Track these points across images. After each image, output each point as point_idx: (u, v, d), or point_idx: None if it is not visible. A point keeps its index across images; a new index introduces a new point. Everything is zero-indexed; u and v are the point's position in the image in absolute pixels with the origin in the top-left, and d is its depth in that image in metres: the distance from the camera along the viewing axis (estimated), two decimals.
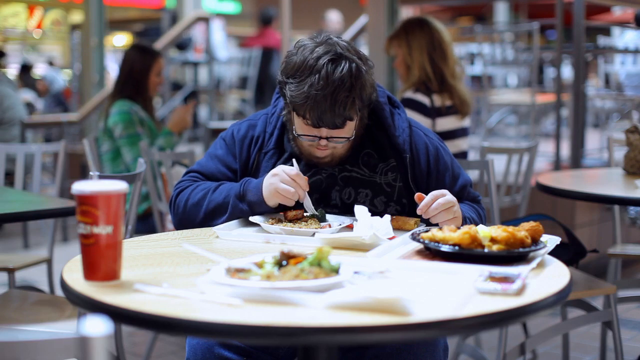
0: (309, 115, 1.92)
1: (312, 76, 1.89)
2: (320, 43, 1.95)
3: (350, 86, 1.90)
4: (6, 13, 15.36)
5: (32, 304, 2.57)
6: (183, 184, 2.09)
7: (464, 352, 3.05)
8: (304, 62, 1.91)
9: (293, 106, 1.94)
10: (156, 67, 4.01)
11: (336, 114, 1.90)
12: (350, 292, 1.29)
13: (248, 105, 8.82)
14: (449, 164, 2.09)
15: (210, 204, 2.00)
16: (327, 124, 1.93)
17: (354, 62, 1.92)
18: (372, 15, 5.17)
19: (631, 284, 3.46)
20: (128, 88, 3.96)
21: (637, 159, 3.10)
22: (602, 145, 6.31)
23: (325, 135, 1.96)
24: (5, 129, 5.36)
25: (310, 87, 1.88)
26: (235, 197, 1.98)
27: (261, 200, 1.94)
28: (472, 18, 15.17)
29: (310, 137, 1.97)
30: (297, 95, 1.90)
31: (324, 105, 1.89)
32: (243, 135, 2.12)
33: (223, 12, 13.74)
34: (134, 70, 3.98)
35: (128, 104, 3.90)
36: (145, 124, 3.90)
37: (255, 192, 1.95)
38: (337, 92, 1.88)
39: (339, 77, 1.88)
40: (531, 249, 1.59)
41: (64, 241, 5.66)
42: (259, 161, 2.09)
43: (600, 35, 8.04)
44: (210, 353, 1.81)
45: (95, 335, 0.98)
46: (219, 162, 2.11)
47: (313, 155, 2.02)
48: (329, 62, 1.90)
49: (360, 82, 1.92)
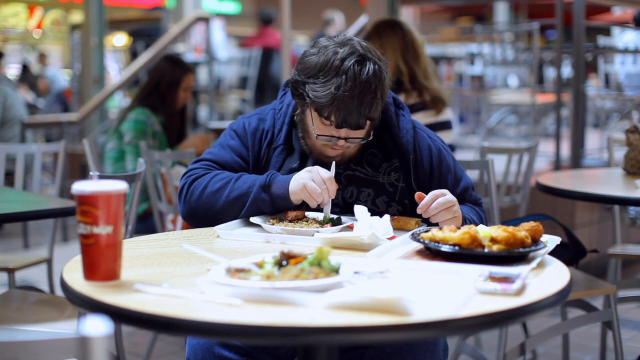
0: (335, 116, 1.91)
1: (339, 77, 1.89)
2: (342, 44, 1.94)
3: (376, 87, 1.91)
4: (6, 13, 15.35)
5: (32, 304, 2.57)
6: (197, 171, 2.04)
7: (464, 352, 3.05)
8: (328, 62, 1.91)
9: (316, 107, 1.93)
10: (186, 81, 4.02)
11: (362, 114, 1.91)
12: (350, 292, 1.29)
13: (248, 105, 8.82)
14: (451, 166, 2.09)
15: (233, 193, 1.96)
16: (350, 124, 1.92)
17: (377, 64, 1.93)
18: (372, 15, 5.17)
19: (631, 284, 3.46)
20: (152, 98, 3.96)
21: (637, 159, 3.10)
22: (602, 145, 6.31)
23: (344, 136, 1.96)
24: (5, 128, 5.37)
25: (337, 89, 1.88)
26: (260, 186, 1.95)
27: (286, 193, 1.92)
28: (472, 18, 15.17)
29: (329, 138, 1.96)
30: (323, 96, 1.89)
31: (350, 106, 1.89)
32: (255, 128, 2.10)
33: (223, 12, 13.74)
34: (162, 81, 3.97)
35: (147, 114, 3.90)
36: (158, 137, 3.91)
37: (282, 185, 1.93)
38: (364, 93, 1.89)
39: (365, 78, 1.89)
40: (531, 249, 1.59)
41: (64, 241, 5.66)
42: (269, 156, 2.08)
43: (600, 35, 8.04)
44: (210, 353, 1.82)
45: (95, 335, 0.98)
46: (232, 152, 2.08)
47: (324, 155, 2.02)
48: (356, 64, 1.90)
49: (383, 84, 1.94)
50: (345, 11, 9.67)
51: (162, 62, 4.10)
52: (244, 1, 16.31)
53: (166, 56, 4.38)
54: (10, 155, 3.63)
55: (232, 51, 9.53)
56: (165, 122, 3.99)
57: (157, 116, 3.96)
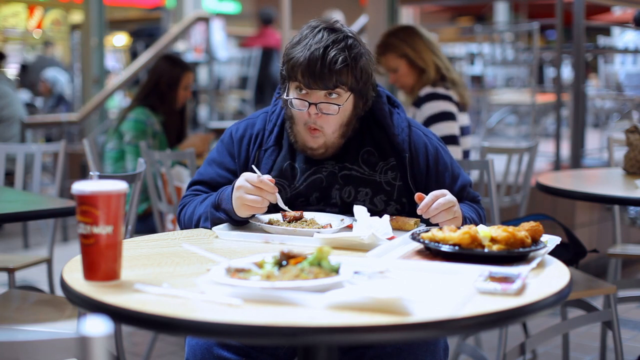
0: (301, 73, 1.94)
1: (308, 38, 1.95)
2: (324, 20, 2.01)
3: (345, 48, 1.94)
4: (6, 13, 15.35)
5: (32, 304, 2.57)
6: (184, 199, 2.10)
7: (464, 352, 3.05)
8: (302, 34, 1.98)
9: (288, 70, 1.97)
10: (185, 80, 4.02)
11: (327, 69, 1.92)
12: (350, 292, 1.29)
13: (248, 105, 8.82)
14: (448, 164, 2.09)
15: (199, 217, 2.01)
16: (318, 82, 1.93)
17: (353, 38, 1.98)
18: (372, 15, 5.17)
19: (631, 284, 3.46)
20: (152, 97, 3.97)
21: (637, 159, 3.10)
22: (602, 145, 6.31)
23: (315, 101, 1.96)
24: (4, 126, 5.37)
25: (304, 46, 1.94)
26: (212, 206, 1.97)
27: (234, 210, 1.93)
28: (472, 18, 15.17)
29: (301, 102, 1.97)
30: (293, 56, 1.95)
31: (316, 60, 1.91)
32: (241, 135, 2.12)
33: (223, 12, 13.74)
34: (161, 81, 3.98)
35: (146, 114, 3.90)
36: (157, 137, 3.91)
37: (229, 201, 1.92)
38: (330, 48, 1.92)
39: (334, 37, 1.94)
40: (531, 249, 1.59)
41: (64, 241, 5.66)
42: (259, 158, 2.09)
43: (600, 35, 8.04)
44: (209, 353, 1.81)
45: (95, 335, 0.98)
46: (216, 166, 2.11)
47: (307, 146, 2.02)
48: (326, 29, 1.96)
49: (355, 54, 1.96)
50: (345, 11, 9.67)
51: (161, 62, 4.10)
52: (244, 1, 16.30)
53: (165, 56, 4.38)
54: (10, 155, 3.63)
55: (232, 51, 9.53)
56: (165, 122, 3.99)
57: (157, 116, 3.96)
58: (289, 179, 2.05)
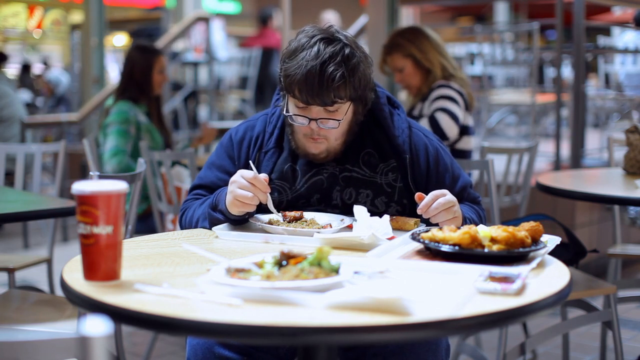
0: (298, 90, 1.92)
1: (305, 52, 1.92)
2: (320, 29, 1.98)
3: (342, 62, 1.91)
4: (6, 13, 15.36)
5: (32, 304, 2.57)
6: (185, 204, 2.10)
7: (464, 352, 3.05)
8: (299, 42, 1.95)
9: (286, 86, 1.95)
10: (158, 64, 4.01)
11: (325, 87, 1.89)
12: (350, 292, 1.29)
13: (248, 105, 8.82)
14: (448, 164, 2.09)
15: (198, 219, 2.01)
16: (316, 99, 1.92)
17: (349, 47, 1.94)
18: (372, 15, 5.17)
19: (631, 284, 3.46)
20: (131, 89, 3.96)
21: (637, 159, 3.10)
22: (602, 145, 6.31)
23: (315, 116, 1.95)
24: (4, 126, 5.37)
25: (301, 61, 1.90)
26: (209, 207, 1.97)
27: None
28: (472, 18, 15.17)
29: (301, 118, 1.96)
30: (291, 71, 1.92)
31: (314, 80, 1.89)
32: (241, 137, 2.12)
33: (223, 12, 13.75)
34: (135, 70, 3.98)
35: (129, 106, 3.89)
36: (143, 128, 3.90)
37: (225, 201, 1.92)
38: (327, 64, 1.89)
39: (330, 51, 1.91)
40: (531, 249, 1.59)
41: (64, 241, 5.66)
42: (260, 161, 2.08)
43: (600, 35, 8.04)
44: (210, 353, 1.82)
45: (95, 335, 0.98)
46: (216, 170, 2.11)
47: (309, 152, 2.02)
48: (322, 40, 1.93)
49: (353, 65, 1.93)
50: (345, 11, 9.68)
51: (132, 52, 4.09)
52: (244, 1, 16.31)
53: (135, 46, 4.36)
54: (10, 155, 3.63)
55: (232, 51, 9.53)
56: (150, 111, 4.00)
57: (140, 107, 3.95)
58: (289, 181, 2.05)
